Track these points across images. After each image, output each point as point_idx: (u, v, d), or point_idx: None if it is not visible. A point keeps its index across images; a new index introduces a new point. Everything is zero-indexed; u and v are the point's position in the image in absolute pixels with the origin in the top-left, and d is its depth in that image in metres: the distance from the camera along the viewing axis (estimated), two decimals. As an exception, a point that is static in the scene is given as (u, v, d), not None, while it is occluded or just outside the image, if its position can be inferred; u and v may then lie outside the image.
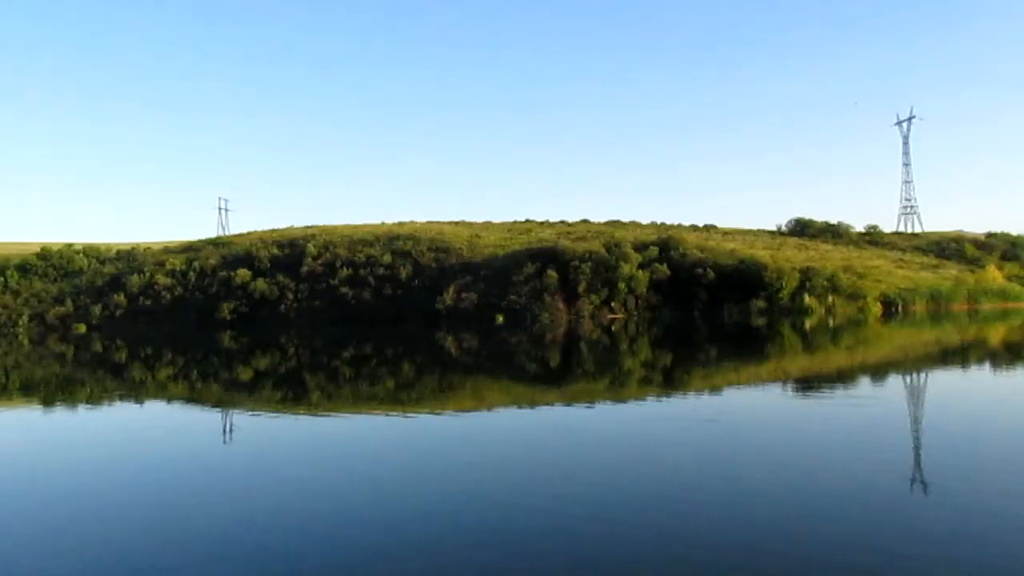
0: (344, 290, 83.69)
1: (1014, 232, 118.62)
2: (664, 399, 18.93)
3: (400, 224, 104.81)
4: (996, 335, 42.49)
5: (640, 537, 7.70)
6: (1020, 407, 16.15)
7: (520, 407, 18.32)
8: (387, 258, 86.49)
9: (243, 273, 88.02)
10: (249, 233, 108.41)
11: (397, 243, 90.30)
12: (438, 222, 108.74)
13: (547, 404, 18.80)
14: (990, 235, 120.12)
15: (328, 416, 17.73)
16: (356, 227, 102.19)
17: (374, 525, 8.42)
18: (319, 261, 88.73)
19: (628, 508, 8.83)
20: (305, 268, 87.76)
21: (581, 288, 77.69)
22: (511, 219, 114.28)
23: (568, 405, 18.36)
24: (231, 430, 15.99)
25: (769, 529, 7.83)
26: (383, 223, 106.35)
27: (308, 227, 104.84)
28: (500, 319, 74.34)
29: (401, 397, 20.66)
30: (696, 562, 6.97)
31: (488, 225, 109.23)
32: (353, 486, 10.41)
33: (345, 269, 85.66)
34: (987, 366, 26.05)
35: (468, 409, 18.01)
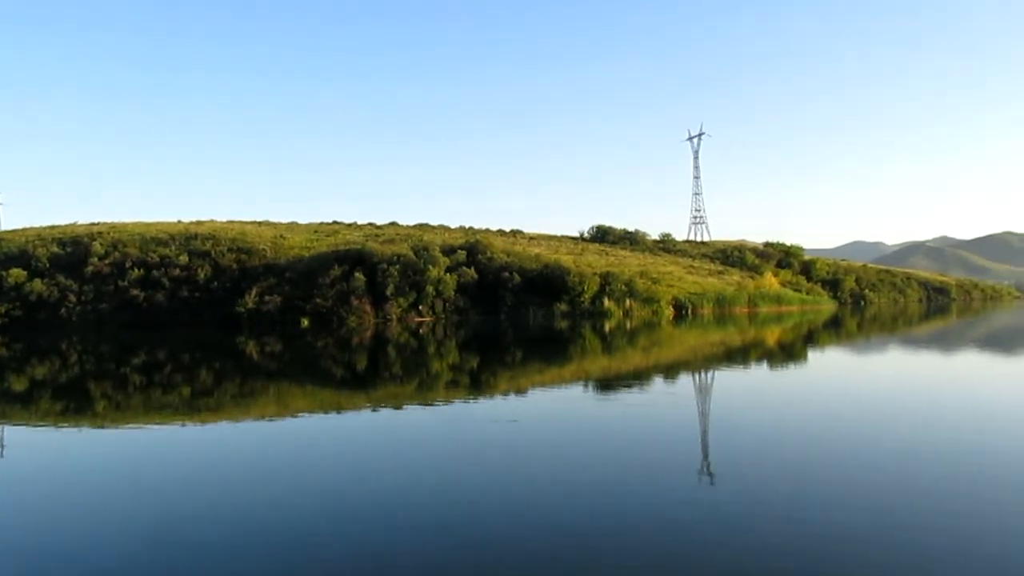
0: (135, 292, 78.30)
1: (788, 242, 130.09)
2: (471, 401, 19.14)
3: (198, 223, 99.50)
4: (772, 336, 46.36)
5: (434, 535, 7.72)
6: (793, 401, 17.71)
7: (326, 412, 17.90)
8: (183, 258, 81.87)
9: (17, 273, 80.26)
10: (25, 230, 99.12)
11: (195, 243, 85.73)
12: (240, 221, 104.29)
13: (354, 408, 18.51)
14: (768, 244, 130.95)
15: (116, 427, 16.51)
16: (149, 225, 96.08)
17: (161, 539, 7.92)
18: (106, 261, 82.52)
19: (424, 508, 8.83)
20: (90, 268, 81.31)
21: (389, 291, 77.11)
22: (317, 220, 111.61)
23: (375, 409, 18.16)
24: (2, 445, 14.52)
25: (560, 523, 8.09)
26: (179, 221, 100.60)
27: (94, 224, 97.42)
28: (305, 322, 72.37)
29: (198, 405, 19.60)
30: (486, 559, 7.07)
31: (293, 226, 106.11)
32: (139, 500, 9.74)
33: (136, 270, 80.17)
34: (764, 364, 28.34)
35: (271, 416, 17.36)
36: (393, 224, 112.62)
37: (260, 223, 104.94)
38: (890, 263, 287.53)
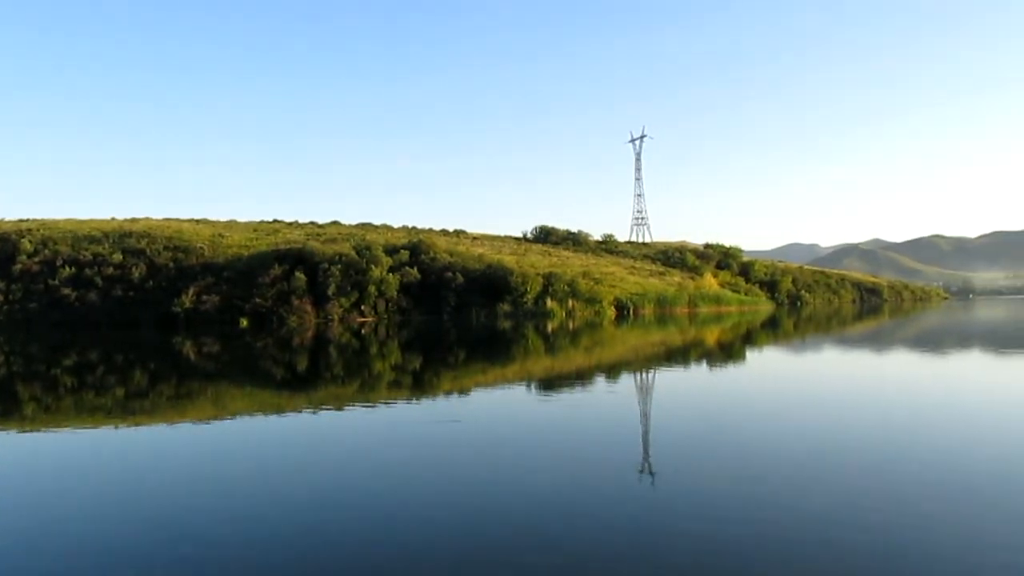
0: (66, 291, 76.18)
1: (727, 244, 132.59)
2: (414, 401, 19.05)
3: (133, 220, 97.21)
4: (711, 336, 47.12)
5: (373, 535, 7.66)
6: (732, 400, 18.02)
7: (266, 414, 17.62)
8: (117, 257, 79.90)
9: (-60, 271, 77.41)
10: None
11: (129, 241, 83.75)
12: (176, 219, 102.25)
13: (295, 410, 18.25)
14: (708, 246, 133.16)
15: (45, 430, 15.99)
16: (81, 222, 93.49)
17: (86, 546, 7.69)
18: (35, 259, 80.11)
19: (363, 508, 8.75)
20: (18, 266, 78.85)
21: (330, 291, 76.40)
22: (257, 218, 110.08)
23: (316, 410, 17.94)
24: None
25: (501, 521, 8.09)
26: (113, 219, 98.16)
27: (22, 220, 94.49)
28: (244, 323, 71.30)
29: (133, 407, 19.11)
30: (424, 559, 7.03)
31: (232, 224, 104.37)
32: (68, 504, 9.45)
33: (67, 268, 77.99)
34: (704, 364, 28.79)
35: (209, 418, 17.02)
36: (335, 223, 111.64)
37: (197, 221, 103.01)
38: (825, 264, 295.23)
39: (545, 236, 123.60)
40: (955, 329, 54.20)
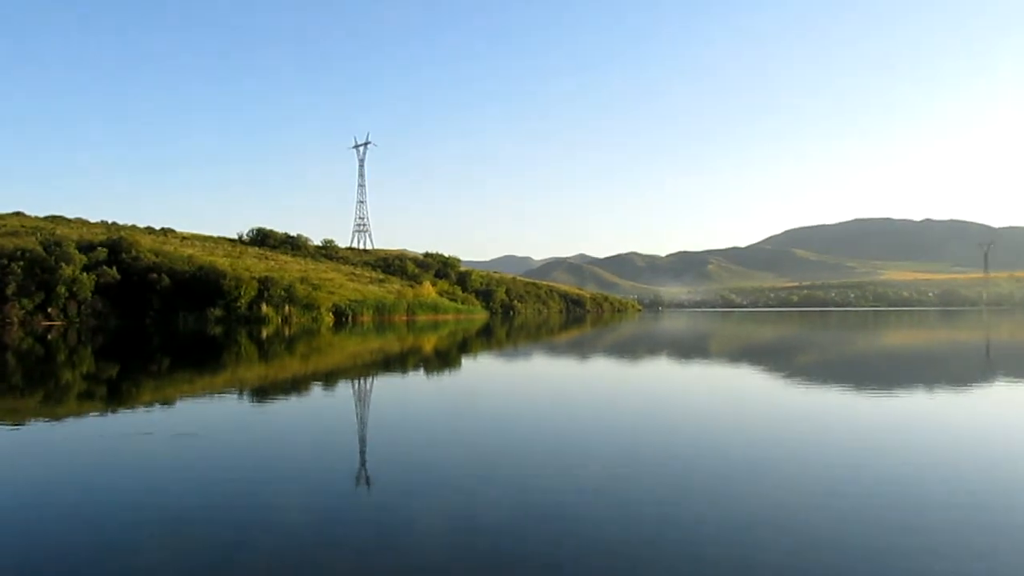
0: None
1: (447, 254, 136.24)
2: (107, 414, 17.36)
3: None
4: (429, 343, 48.00)
5: (53, 554, 6.83)
6: (448, 407, 18.37)
7: (-81, 432, 15.13)
8: None
9: None
10: None
11: None
12: None
13: (-43, 427, 15.86)
14: (427, 255, 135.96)
15: None
16: None
17: None
18: None
19: (38, 526, 7.78)
20: None
21: (10, 291, 68.14)
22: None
23: (-14, 427, 15.72)
24: None
25: (202, 541, 7.55)
26: None
27: None
28: None
29: None
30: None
31: None
32: None
33: None
34: (422, 371, 29.19)
35: None
36: (18, 214, 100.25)
37: None
38: (536, 276, 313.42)
39: (262, 239, 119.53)
40: (646, 338, 59.67)
